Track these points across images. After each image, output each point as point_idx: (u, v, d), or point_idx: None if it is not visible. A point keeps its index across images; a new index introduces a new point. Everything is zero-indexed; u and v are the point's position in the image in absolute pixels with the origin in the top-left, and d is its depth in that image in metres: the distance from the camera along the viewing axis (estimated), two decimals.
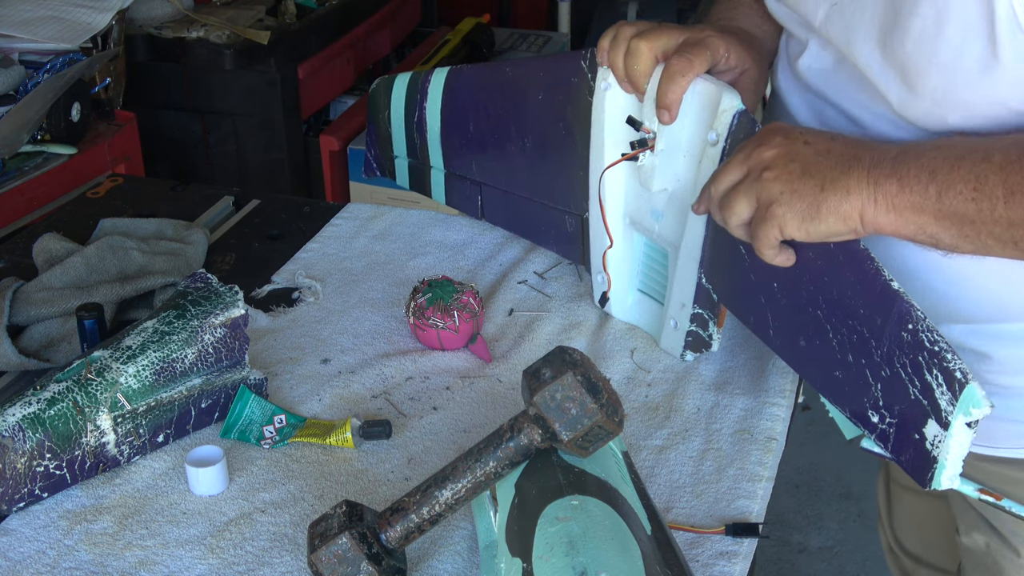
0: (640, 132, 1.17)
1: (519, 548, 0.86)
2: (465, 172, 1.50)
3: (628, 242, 1.28)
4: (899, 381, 0.93)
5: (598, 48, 1.20)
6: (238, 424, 1.14)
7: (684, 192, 1.16)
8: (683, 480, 1.08)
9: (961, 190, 0.89)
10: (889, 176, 0.92)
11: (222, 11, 2.64)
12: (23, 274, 1.36)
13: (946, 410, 0.88)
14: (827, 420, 1.05)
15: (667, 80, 1.12)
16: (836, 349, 1.00)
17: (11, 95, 2.07)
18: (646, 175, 1.19)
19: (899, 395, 0.93)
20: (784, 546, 2.48)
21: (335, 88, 2.84)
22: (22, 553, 0.99)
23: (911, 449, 0.93)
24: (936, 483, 0.90)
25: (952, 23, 0.90)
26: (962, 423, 0.87)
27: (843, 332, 0.99)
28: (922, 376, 0.90)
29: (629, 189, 1.24)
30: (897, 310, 0.92)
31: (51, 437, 1.03)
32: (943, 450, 0.89)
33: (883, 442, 0.96)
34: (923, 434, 0.91)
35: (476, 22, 3.10)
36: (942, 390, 0.88)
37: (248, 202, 1.63)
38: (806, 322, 1.03)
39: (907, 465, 0.94)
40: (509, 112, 1.38)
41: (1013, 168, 0.87)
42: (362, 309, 1.36)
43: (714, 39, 1.14)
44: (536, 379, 0.89)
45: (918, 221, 0.92)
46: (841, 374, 1.00)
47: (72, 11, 2.25)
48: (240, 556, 0.99)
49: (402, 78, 1.52)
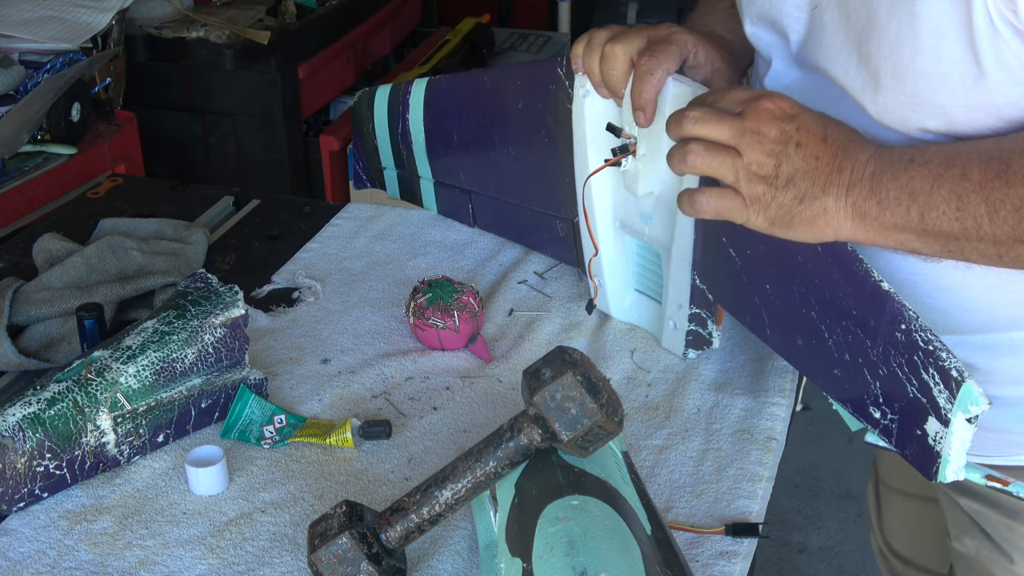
0: (621, 138, 1.17)
1: (519, 548, 0.86)
2: (453, 181, 1.50)
3: (620, 245, 1.28)
4: (897, 380, 0.93)
5: (572, 55, 1.19)
6: (238, 424, 1.14)
7: (670, 194, 1.15)
8: (683, 480, 1.08)
9: (944, 211, 0.89)
10: (868, 198, 0.91)
11: (222, 11, 2.64)
12: (23, 274, 1.36)
13: (945, 408, 0.88)
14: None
15: (638, 80, 1.11)
16: (833, 348, 1.00)
17: (11, 95, 2.07)
18: (631, 180, 1.19)
19: (898, 393, 0.93)
20: (784, 546, 2.48)
21: (335, 88, 2.84)
22: (22, 553, 0.99)
23: (914, 444, 0.93)
24: (942, 476, 0.90)
25: (928, 28, 0.89)
26: (962, 419, 0.87)
27: (838, 332, 0.99)
28: (919, 375, 0.90)
29: (616, 193, 1.24)
30: (889, 311, 0.92)
31: (51, 437, 1.03)
32: (946, 445, 0.89)
33: (887, 436, 0.96)
34: (925, 430, 0.91)
35: (476, 22, 3.10)
36: (939, 388, 0.88)
37: (248, 202, 1.63)
38: (801, 322, 1.03)
39: (912, 459, 0.94)
40: (491, 121, 1.38)
41: (993, 186, 0.86)
42: (362, 309, 1.36)
43: (680, 35, 1.13)
44: (536, 379, 0.89)
45: (900, 238, 0.92)
46: (840, 372, 1.00)
47: (72, 11, 2.25)
48: (240, 556, 0.99)
49: (383, 90, 1.51)
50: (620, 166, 1.18)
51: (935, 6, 0.88)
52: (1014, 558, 1.13)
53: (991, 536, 1.14)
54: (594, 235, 1.27)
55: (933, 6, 0.88)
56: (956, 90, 0.90)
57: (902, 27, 0.91)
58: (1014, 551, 1.13)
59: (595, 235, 1.26)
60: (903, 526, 1.49)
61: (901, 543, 1.51)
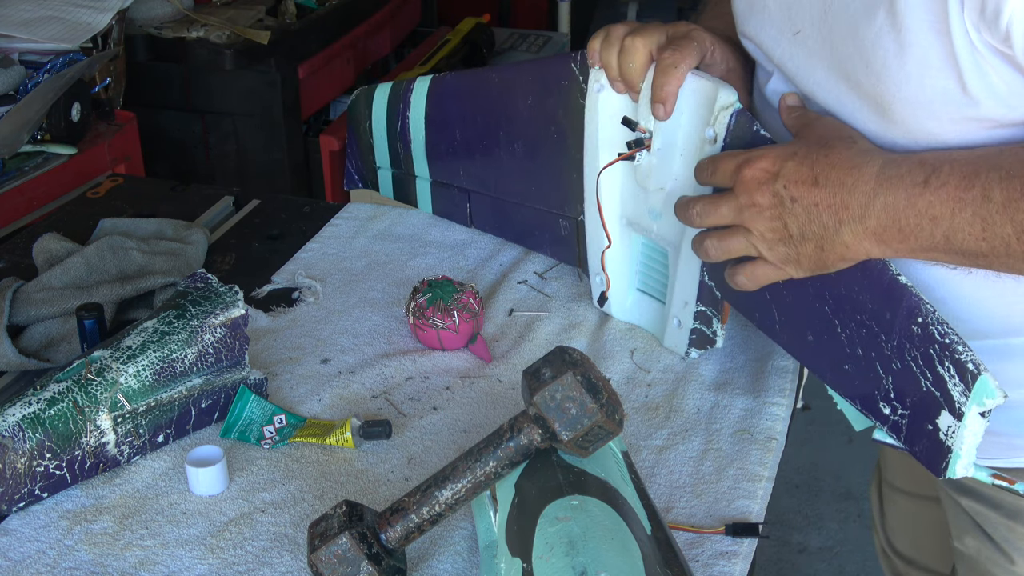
0: (636, 132, 1.17)
1: (519, 548, 0.86)
2: (452, 180, 1.49)
3: (626, 242, 1.28)
4: (910, 374, 0.93)
5: (588, 50, 1.20)
6: (238, 424, 1.14)
7: (681, 191, 1.16)
8: (683, 480, 1.08)
9: (969, 232, 0.88)
10: (888, 227, 0.92)
11: (222, 11, 2.64)
12: (23, 274, 1.36)
13: (959, 401, 0.88)
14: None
15: (661, 73, 1.11)
16: (845, 344, 1.00)
17: (11, 95, 2.07)
18: (643, 175, 1.19)
19: (911, 387, 0.93)
20: (784, 546, 2.49)
21: (335, 88, 2.84)
22: (22, 553, 0.99)
23: (924, 440, 0.93)
24: (951, 472, 0.90)
25: (913, 56, 0.89)
26: (975, 413, 0.87)
27: (851, 327, 0.99)
28: (934, 368, 0.90)
29: (625, 190, 1.24)
30: (906, 304, 0.92)
31: (51, 437, 1.03)
32: (957, 440, 0.89)
33: (895, 433, 0.96)
34: (936, 425, 0.91)
35: (476, 22, 3.10)
36: (954, 382, 0.88)
37: (248, 202, 1.63)
38: (813, 317, 1.03)
39: (921, 455, 0.94)
40: (497, 118, 1.38)
41: (1018, 206, 0.86)
42: (362, 309, 1.36)
43: (699, 32, 1.14)
44: (536, 379, 0.89)
45: (928, 256, 0.93)
46: (851, 367, 1.00)
47: (72, 11, 2.25)
48: (240, 556, 0.99)
49: (383, 88, 1.51)
50: (634, 160, 1.19)
51: (920, 35, 0.88)
52: (1014, 558, 1.13)
53: (992, 536, 1.14)
54: (607, 226, 1.26)
55: (918, 35, 0.88)
56: (941, 117, 0.91)
57: (888, 56, 0.91)
58: (1014, 551, 1.13)
59: (607, 228, 1.27)
60: (905, 526, 1.49)
61: (903, 543, 1.51)
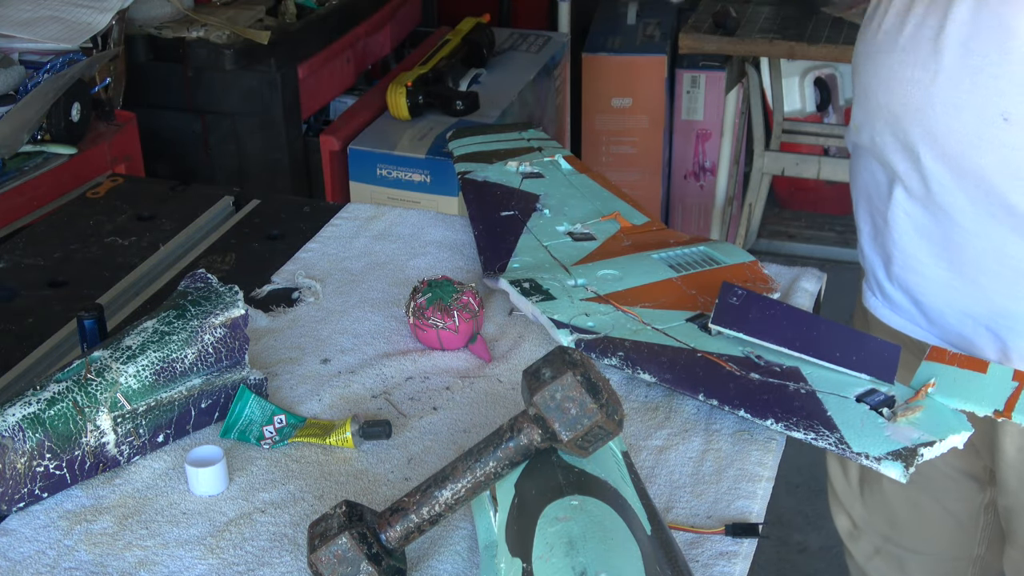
0: None
1: (519, 548, 0.86)
2: None
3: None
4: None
5: None
6: (238, 424, 1.14)
7: None
8: (683, 480, 1.08)
9: None
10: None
11: (222, 11, 2.64)
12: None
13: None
14: None
15: None
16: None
17: (11, 95, 2.06)
18: None
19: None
20: (784, 546, 2.48)
21: (335, 88, 2.84)
22: (22, 553, 0.99)
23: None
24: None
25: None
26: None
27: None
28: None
29: None
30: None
31: (51, 437, 1.03)
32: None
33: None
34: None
35: (476, 22, 3.10)
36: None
37: (248, 202, 1.63)
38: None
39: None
40: None
41: None
42: (362, 309, 1.36)
43: None
44: (536, 379, 0.89)
45: None
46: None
47: (72, 11, 2.25)
48: (240, 556, 0.99)
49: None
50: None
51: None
52: None
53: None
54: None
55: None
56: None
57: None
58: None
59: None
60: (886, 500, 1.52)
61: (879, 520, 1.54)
